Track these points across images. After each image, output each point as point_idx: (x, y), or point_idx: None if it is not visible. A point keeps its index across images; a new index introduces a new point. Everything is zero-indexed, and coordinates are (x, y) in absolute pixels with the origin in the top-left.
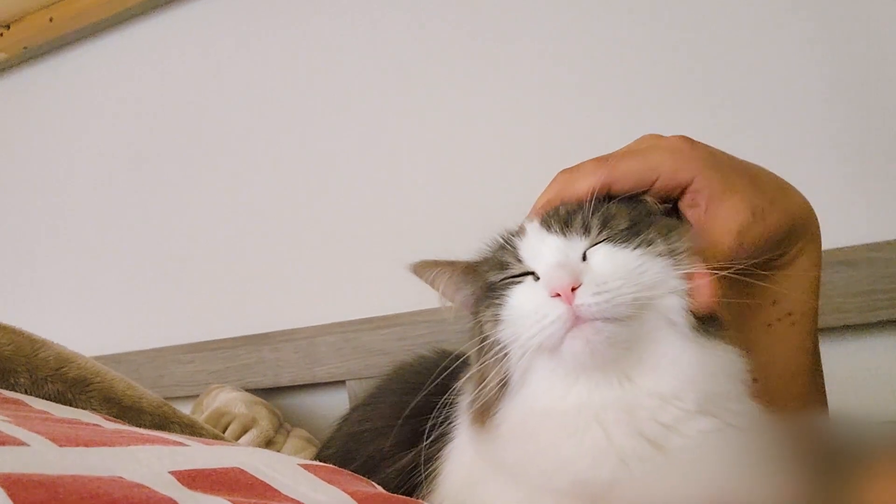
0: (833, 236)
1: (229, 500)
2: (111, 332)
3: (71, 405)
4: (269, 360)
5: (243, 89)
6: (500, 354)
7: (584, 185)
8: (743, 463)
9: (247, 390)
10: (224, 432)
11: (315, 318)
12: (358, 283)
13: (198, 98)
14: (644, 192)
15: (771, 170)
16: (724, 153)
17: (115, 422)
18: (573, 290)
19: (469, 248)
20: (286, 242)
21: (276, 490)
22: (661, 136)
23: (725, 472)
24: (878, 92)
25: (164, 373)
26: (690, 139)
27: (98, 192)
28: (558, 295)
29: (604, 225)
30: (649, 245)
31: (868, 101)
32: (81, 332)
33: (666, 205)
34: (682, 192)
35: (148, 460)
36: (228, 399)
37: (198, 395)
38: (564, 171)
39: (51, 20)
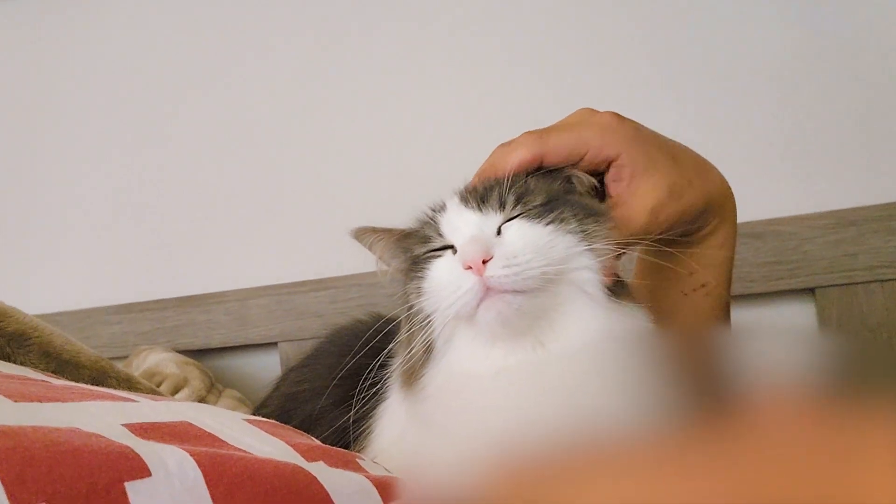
0: (741, 211)
1: (181, 447)
2: (35, 291)
3: (9, 360)
4: (199, 321)
5: (172, 49)
6: (425, 322)
7: (515, 158)
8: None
9: (177, 352)
10: None
11: (247, 281)
12: (291, 246)
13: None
14: (574, 165)
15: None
16: (650, 131)
17: (60, 379)
18: (485, 262)
19: (402, 213)
20: (218, 204)
21: (223, 441)
22: (594, 112)
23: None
24: (774, 73)
25: (90, 334)
26: (620, 116)
27: (19, 150)
28: (471, 267)
29: (518, 201)
30: (562, 222)
31: (770, 85)
32: (4, 291)
33: (597, 178)
34: (609, 166)
35: (100, 414)
36: (159, 360)
37: (126, 357)
38: (502, 144)
39: None
